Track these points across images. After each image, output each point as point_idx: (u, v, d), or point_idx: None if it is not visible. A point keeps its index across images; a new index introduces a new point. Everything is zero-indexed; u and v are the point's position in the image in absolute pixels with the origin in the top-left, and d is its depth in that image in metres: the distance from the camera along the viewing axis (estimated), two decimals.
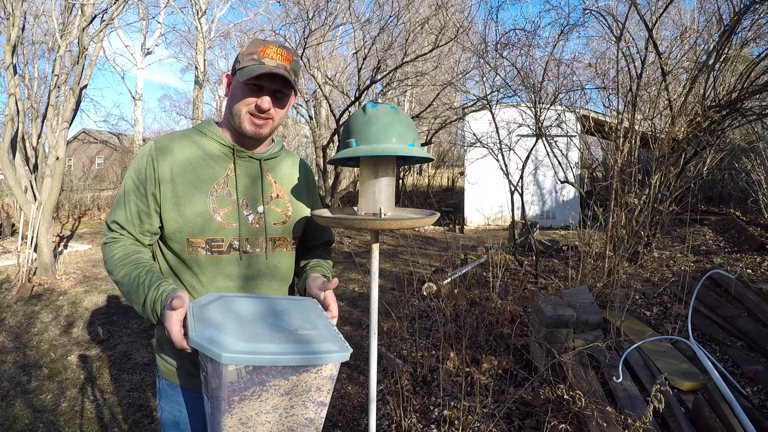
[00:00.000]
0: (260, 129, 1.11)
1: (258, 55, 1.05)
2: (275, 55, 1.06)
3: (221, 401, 0.83)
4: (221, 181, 1.12)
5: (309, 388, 0.89)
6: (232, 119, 1.12)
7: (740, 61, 4.69)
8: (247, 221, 1.13)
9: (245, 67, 1.05)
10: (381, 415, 2.51)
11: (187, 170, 1.10)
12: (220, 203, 1.10)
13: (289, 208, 1.22)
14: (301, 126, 15.91)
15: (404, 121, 1.15)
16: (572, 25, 5.11)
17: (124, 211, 1.10)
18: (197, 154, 1.12)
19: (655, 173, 4.10)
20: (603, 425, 1.92)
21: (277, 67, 1.04)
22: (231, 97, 1.12)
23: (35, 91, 7.13)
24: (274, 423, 0.89)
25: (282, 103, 1.13)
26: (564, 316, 2.77)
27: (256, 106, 1.08)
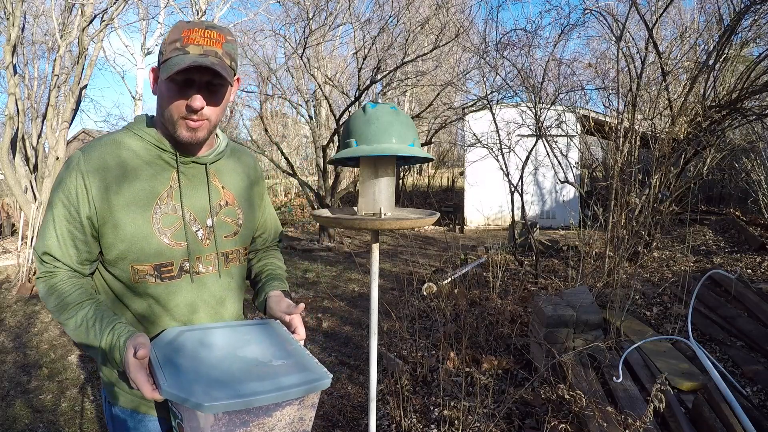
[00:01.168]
0: (196, 133, 0.95)
1: (181, 43, 0.88)
2: (202, 39, 0.89)
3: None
4: (164, 195, 0.97)
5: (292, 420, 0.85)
6: (164, 123, 0.96)
7: (740, 61, 4.69)
8: (196, 238, 1.00)
9: (168, 59, 0.89)
10: (381, 415, 2.51)
11: (125, 186, 0.94)
12: (166, 222, 0.97)
13: (239, 215, 1.09)
14: (301, 126, 15.92)
15: (404, 121, 1.15)
16: (572, 25, 5.11)
17: (56, 240, 0.94)
18: (134, 164, 0.96)
19: (655, 173, 4.10)
20: (603, 425, 1.92)
21: (204, 56, 0.88)
22: (159, 96, 0.95)
23: (35, 91, 7.14)
24: None
25: (218, 97, 0.95)
26: (564, 316, 2.77)
27: (186, 106, 0.91)
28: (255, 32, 10.74)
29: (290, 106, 9.78)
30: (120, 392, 1.03)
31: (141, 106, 15.00)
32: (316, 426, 2.57)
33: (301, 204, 13.77)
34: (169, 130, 0.96)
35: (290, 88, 10.36)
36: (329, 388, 2.99)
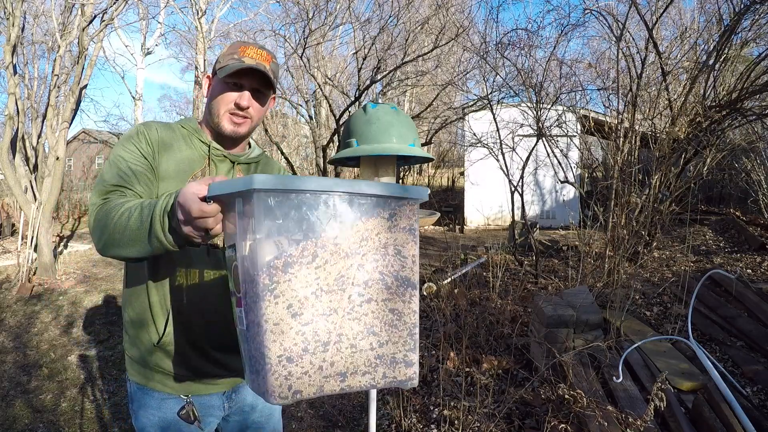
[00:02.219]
0: (238, 128, 1.10)
1: (238, 55, 1.06)
2: (255, 54, 1.06)
3: (258, 273, 0.61)
4: (198, 173, 1.11)
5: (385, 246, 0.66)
6: (211, 118, 1.11)
7: (740, 61, 4.69)
8: None
9: (225, 65, 1.06)
10: (381, 414, 2.51)
11: (169, 151, 1.08)
12: None
13: None
14: (301, 126, 15.91)
15: (404, 121, 1.15)
16: (573, 25, 5.11)
17: (127, 172, 1.01)
18: (177, 140, 1.11)
19: (655, 173, 4.10)
20: (603, 425, 1.92)
21: (257, 65, 1.05)
22: (210, 96, 1.12)
23: (35, 91, 7.14)
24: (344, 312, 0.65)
25: (261, 102, 1.12)
26: (564, 316, 2.77)
27: (235, 103, 1.08)
28: (255, 32, 10.74)
29: (290, 106, 9.78)
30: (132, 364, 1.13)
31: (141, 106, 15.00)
32: (315, 426, 2.57)
33: None
34: (213, 124, 1.11)
35: (290, 88, 10.36)
36: None
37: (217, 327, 1.10)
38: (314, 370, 0.62)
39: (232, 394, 1.19)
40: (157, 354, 1.09)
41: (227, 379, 1.16)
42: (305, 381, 0.62)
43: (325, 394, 0.64)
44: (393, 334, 0.68)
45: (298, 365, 0.61)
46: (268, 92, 1.12)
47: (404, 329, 0.69)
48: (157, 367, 1.10)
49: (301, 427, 2.58)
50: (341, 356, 0.64)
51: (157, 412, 1.11)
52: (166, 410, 1.11)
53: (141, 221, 0.83)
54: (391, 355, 0.68)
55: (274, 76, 1.09)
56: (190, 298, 1.08)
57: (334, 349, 0.63)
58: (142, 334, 1.10)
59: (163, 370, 1.10)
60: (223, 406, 1.17)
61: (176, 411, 1.10)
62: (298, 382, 0.61)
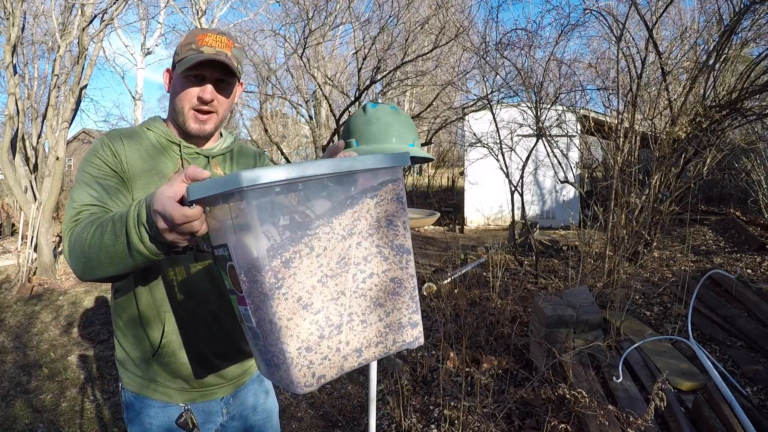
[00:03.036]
0: (204, 125, 1.06)
1: (196, 44, 1.00)
2: (214, 42, 1.00)
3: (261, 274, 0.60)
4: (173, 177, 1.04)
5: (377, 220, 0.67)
6: (176, 116, 1.06)
7: (740, 61, 4.69)
8: None
9: (183, 57, 1.00)
10: (381, 415, 2.51)
11: (142, 160, 1.03)
12: None
13: None
14: (301, 126, 15.91)
15: (404, 121, 1.15)
16: (572, 25, 5.11)
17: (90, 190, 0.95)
18: (147, 148, 1.06)
19: (655, 173, 4.10)
20: (604, 425, 1.92)
21: (217, 54, 0.99)
22: (172, 93, 1.06)
23: (35, 91, 7.14)
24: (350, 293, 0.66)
25: (226, 93, 1.06)
26: (564, 316, 2.77)
27: (198, 98, 1.02)
28: (255, 32, 10.74)
29: (290, 106, 9.79)
30: (126, 373, 1.09)
31: (141, 106, 15.00)
32: (315, 426, 2.58)
33: None
34: (179, 123, 1.06)
35: (290, 88, 10.37)
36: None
37: (214, 333, 1.07)
38: (332, 353, 0.64)
39: (231, 399, 1.16)
40: (153, 366, 1.07)
41: (226, 386, 1.14)
42: (326, 365, 0.63)
43: (346, 371, 0.66)
44: (397, 301, 0.70)
45: (317, 353, 0.62)
46: (233, 80, 1.06)
47: (405, 294, 0.71)
48: (154, 377, 1.07)
49: (301, 427, 2.58)
50: (355, 334, 0.66)
51: (154, 420, 1.08)
52: (163, 418, 1.08)
53: (115, 236, 0.77)
54: (398, 321, 0.70)
55: (238, 63, 1.03)
56: (184, 306, 1.05)
57: (348, 329, 0.65)
58: (136, 345, 1.07)
59: (159, 380, 1.07)
60: (221, 412, 1.15)
61: (174, 419, 1.07)
62: (320, 368, 0.63)
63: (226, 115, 1.10)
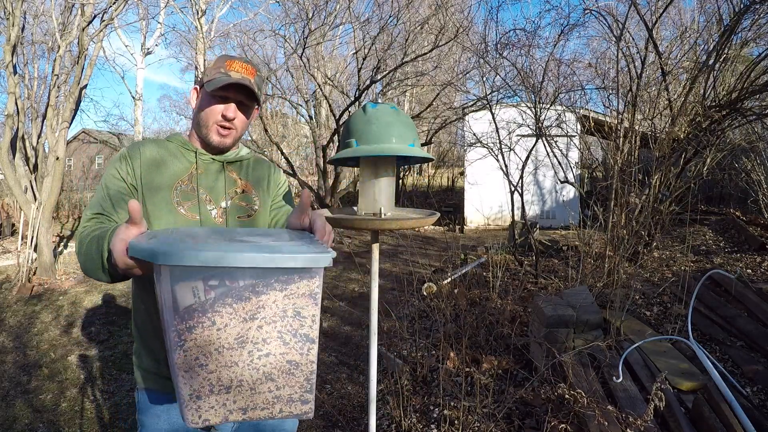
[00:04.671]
0: (225, 139, 1.16)
1: (225, 69, 1.12)
2: (241, 69, 1.13)
3: (169, 330, 0.69)
4: (185, 178, 1.15)
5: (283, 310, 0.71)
6: (199, 129, 1.17)
7: (740, 61, 4.68)
8: (209, 215, 1.15)
9: (213, 79, 1.11)
10: (381, 415, 2.51)
11: (153, 167, 1.14)
12: (184, 196, 1.14)
13: (256, 202, 1.22)
14: (301, 126, 15.90)
15: (404, 121, 1.15)
16: (572, 25, 5.11)
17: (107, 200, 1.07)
18: (163, 154, 1.16)
19: (655, 173, 4.10)
20: (604, 424, 1.92)
21: (243, 79, 1.11)
22: (198, 108, 1.18)
23: (35, 91, 7.13)
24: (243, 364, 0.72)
25: (246, 114, 1.19)
26: (564, 316, 2.77)
27: (222, 115, 1.14)
28: (255, 32, 10.75)
29: (290, 106, 9.78)
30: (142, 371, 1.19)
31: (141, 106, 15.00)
32: (316, 426, 2.57)
33: None
34: (202, 135, 1.17)
35: (290, 88, 10.37)
36: (329, 387, 2.99)
37: None
38: (219, 406, 0.73)
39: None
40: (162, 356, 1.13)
41: None
42: (212, 413, 0.73)
43: (230, 422, 0.75)
44: (290, 380, 0.75)
45: (205, 402, 0.72)
46: (252, 104, 1.19)
47: (301, 376, 0.75)
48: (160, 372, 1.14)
49: (301, 427, 2.58)
50: (242, 396, 0.73)
51: (168, 417, 1.14)
52: (178, 416, 1.12)
53: (98, 251, 0.89)
54: (288, 395, 0.75)
55: (258, 89, 1.16)
56: None
57: (236, 392, 0.73)
58: (150, 343, 1.15)
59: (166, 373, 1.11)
60: None
61: None
62: (206, 413, 0.72)
63: (243, 133, 1.22)
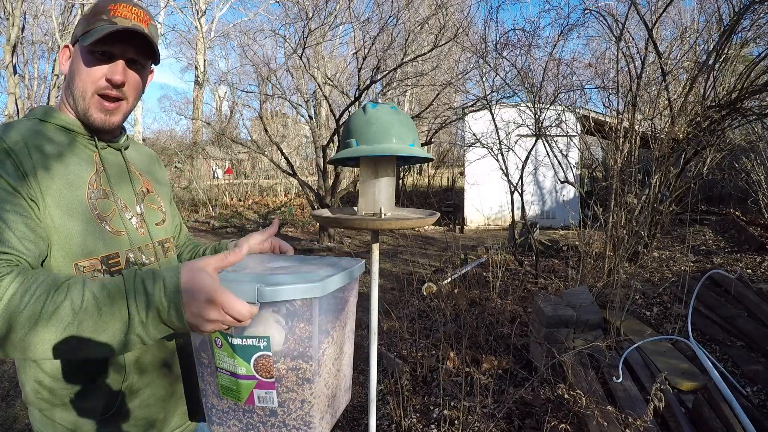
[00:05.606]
0: (111, 117, 0.88)
1: (108, 15, 0.83)
2: (129, 14, 0.84)
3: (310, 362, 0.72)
4: (92, 180, 0.87)
5: (350, 309, 0.86)
6: (74, 102, 0.87)
7: (740, 61, 4.69)
8: (132, 227, 0.91)
9: (92, 29, 0.82)
10: (381, 415, 2.51)
11: (52, 169, 0.80)
12: (102, 207, 0.86)
13: (161, 203, 1.03)
14: (301, 126, 15.91)
15: (404, 122, 1.15)
16: (572, 26, 5.11)
17: (7, 229, 0.71)
18: (53, 147, 0.83)
19: (655, 173, 4.10)
20: (603, 425, 1.92)
21: (135, 26, 0.83)
22: (72, 72, 0.86)
23: (35, 91, 7.13)
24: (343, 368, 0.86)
25: (141, 76, 0.90)
26: (564, 316, 2.77)
27: (106, 79, 0.84)
28: (255, 32, 10.75)
29: (290, 106, 9.78)
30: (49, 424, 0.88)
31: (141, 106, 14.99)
32: None
33: (301, 204, 13.79)
34: (78, 111, 0.87)
35: (290, 88, 10.37)
36: None
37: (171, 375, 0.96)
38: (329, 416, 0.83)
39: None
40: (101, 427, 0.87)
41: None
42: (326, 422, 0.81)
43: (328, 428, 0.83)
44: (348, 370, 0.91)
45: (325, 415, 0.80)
46: (148, 62, 0.91)
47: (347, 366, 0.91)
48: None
49: None
50: (337, 399, 0.85)
51: None
52: None
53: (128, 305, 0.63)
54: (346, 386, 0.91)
55: (155, 41, 0.89)
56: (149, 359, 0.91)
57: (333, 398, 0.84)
58: (77, 396, 0.85)
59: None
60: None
61: None
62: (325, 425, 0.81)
63: (135, 104, 0.93)
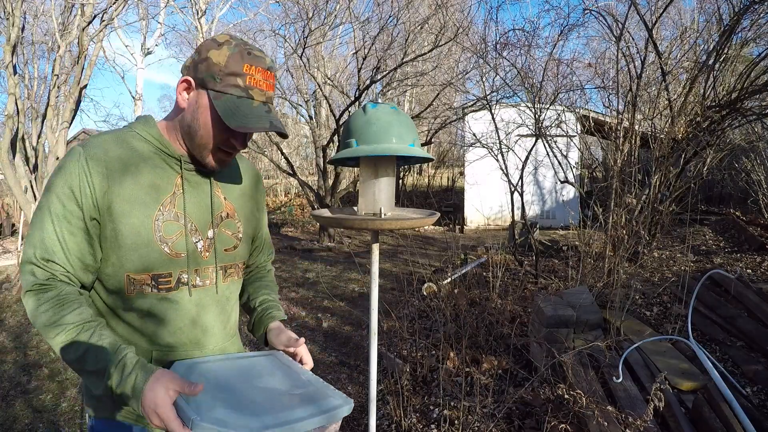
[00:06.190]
0: (223, 165, 0.97)
1: (244, 81, 0.86)
2: (264, 83, 0.88)
3: None
4: (167, 201, 0.92)
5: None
6: (190, 143, 0.93)
7: (740, 61, 4.69)
8: (196, 250, 0.96)
9: (227, 95, 0.87)
10: (381, 415, 2.51)
11: (128, 183, 0.88)
12: (167, 230, 0.92)
13: (239, 228, 1.05)
14: (301, 126, 15.91)
15: (404, 122, 1.15)
16: (572, 26, 5.11)
17: (57, 242, 0.85)
18: (137, 162, 0.90)
19: (655, 173, 4.10)
20: (603, 424, 1.92)
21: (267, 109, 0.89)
22: (194, 117, 0.90)
23: (35, 91, 7.13)
24: None
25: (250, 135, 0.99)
26: (564, 316, 2.77)
27: (228, 143, 0.91)
28: (255, 32, 10.74)
29: (290, 106, 9.78)
30: (93, 399, 0.98)
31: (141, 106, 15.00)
32: None
33: (301, 204, 13.79)
34: (193, 153, 0.94)
35: (290, 88, 10.37)
36: None
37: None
38: None
39: None
40: None
41: None
42: None
43: None
44: None
45: None
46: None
47: None
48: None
49: None
50: None
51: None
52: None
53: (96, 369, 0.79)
54: None
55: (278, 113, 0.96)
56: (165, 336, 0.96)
57: None
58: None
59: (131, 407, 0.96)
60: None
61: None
62: None
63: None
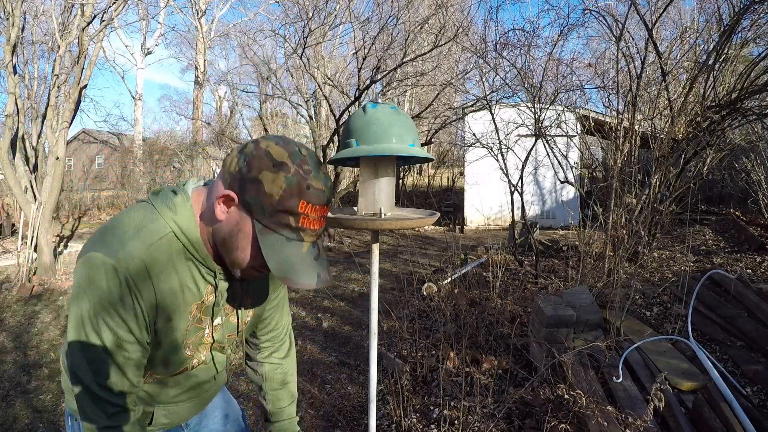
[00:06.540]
0: (254, 278, 0.97)
1: (297, 221, 0.79)
2: (317, 223, 0.82)
3: None
4: (194, 308, 0.92)
5: None
6: (226, 254, 0.87)
7: (740, 61, 4.69)
8: (202, 338, 0.98)
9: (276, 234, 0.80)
10: (381, 415, 2.51)
11: (168, 296, 0.86)
12: (191, 334, 0.94)
13: (248, 317, 1.06)
14: (301, 126, 15.91)
15: (404, 122, 1.15)
16: (572, 26, 5.11)
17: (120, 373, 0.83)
18: (167, 265, 0.85)
19: (655, 173, 4.10)
20: (603, 424, 1.92)
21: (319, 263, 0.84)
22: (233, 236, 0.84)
23: (35, 91, 7.12)
24: None
25: None
26: (564, 316, 2.77)
27: (266, 267, 0.85)
28: (255, 32, 10.75)
29: (290, 106, 9.78)
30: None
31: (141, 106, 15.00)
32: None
33: None
34: (228, 263, 0.89)
35: (290, 88, 10.37)
36: (329, 387, 2.99)
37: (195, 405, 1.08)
38: None
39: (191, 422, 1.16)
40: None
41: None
42: None
43: None
44: None
45: None
46: None
47: None
48: None
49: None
50: None
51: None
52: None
53: None
54: None
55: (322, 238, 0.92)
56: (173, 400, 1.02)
57: None
58: None
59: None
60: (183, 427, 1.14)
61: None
62: None
63: None
